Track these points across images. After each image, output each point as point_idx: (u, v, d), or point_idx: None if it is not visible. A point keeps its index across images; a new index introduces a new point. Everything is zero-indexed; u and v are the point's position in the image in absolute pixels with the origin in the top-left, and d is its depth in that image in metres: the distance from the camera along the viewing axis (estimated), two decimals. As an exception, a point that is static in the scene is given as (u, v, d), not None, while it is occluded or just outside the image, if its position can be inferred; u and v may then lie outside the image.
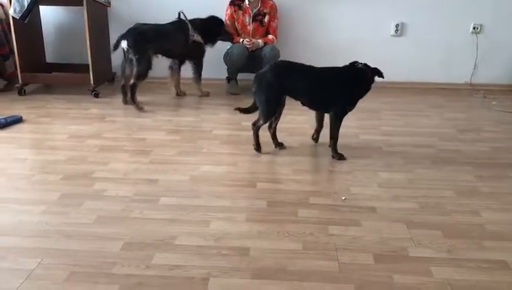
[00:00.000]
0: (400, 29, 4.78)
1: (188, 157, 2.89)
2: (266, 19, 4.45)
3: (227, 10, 4.45)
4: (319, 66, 2.86)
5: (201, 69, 4.28)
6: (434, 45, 4.79)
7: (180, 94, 4.35)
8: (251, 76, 4.71)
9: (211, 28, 4.22)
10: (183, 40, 4.04)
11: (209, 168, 2.72)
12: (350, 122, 3.48)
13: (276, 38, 4.50)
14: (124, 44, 3.78)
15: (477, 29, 4.74)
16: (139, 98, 3.94)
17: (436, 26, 4.73)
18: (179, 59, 4.23)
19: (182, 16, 4.10)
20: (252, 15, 4.40)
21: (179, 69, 4.30)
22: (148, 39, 3.82)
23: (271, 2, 4.47)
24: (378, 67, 2.77)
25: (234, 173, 2.66)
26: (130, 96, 3.86)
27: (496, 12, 4.67)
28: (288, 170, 2.71)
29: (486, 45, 4.76)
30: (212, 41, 4.29)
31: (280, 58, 4.46)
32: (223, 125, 3.60)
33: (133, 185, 2.48)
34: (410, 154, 2.91)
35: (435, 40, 4.77)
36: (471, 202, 2.36)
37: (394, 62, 4.67)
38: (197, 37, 4.08)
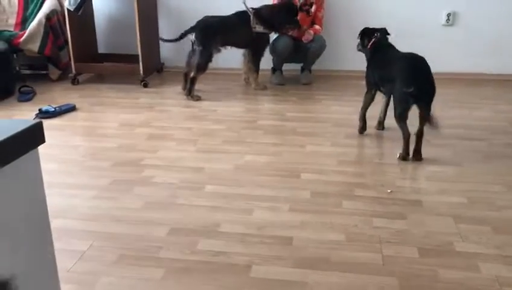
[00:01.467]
0: (451, 19, 4.62)
1: (232, 146, 2.92)
2: (313, 9, 4.40)
3: (274, 1, 4.42)
4: (363, 58, 2.83)
5: (259, 60, 4.19)
6: (486, 35, 4.59)
7: (247, 82, 4.37)
8: (297, 67, 4.71)
9: (280, 15, 4.16)
10: (246, 31, 4.03)
11: (252, 157, 2.74)
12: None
13: (322, 28, 4.44)
14: (192, 36, 3.88)
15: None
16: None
17: (488, 15, 4.53)
18: (246, 49, 4.24)
19: (244, 7, 4.08)
20: (299, 5, 4.36)
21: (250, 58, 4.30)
22: (214, 32, 3.88)
23: (318, -9, 4.41)
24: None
25: (278, 163, 2.67)
26: (189, 86, 3.94)
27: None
28: (333, 161, 2.69)
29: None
30: (279, 29, 4.23)
31: (326, 49, 4.42)
32: (268, 116, 3.61)
33: (180, 172, 2.54)
34: (459, 147, 2.82)
35: (487, 29, 4.57)
36: (523, 198, 2.27)
37: (445, 52, 4.51)
38: (259, 28, 4.05)
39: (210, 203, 2.21)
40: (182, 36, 3.93)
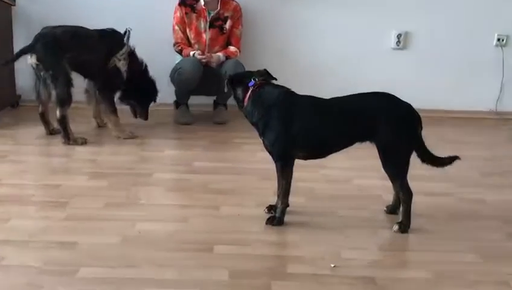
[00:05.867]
0: (402, 41, 4.93)
1: (120, 211, 2.85)
2: (228, 24, 4.52)
3: (176, 12, 4.50)
4: (300, 87, 2.90)
5: (112, 97, 4.15)
6: (447, 61, 4.93)
7: (102, 126, 4.31)
8: (208, 100, 4.77)
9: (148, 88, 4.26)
10: (103, 56, 4.02)
11: (148, 226, 2.68)
12: (340, 162, 3.52)
13: (240, 50, 4.56)
14: (31, 59, 3.76)
15: (502, 41, 4.93)
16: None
17: (450, 36, 4.90)
18: (92, 80, 4.17)
19: (126, 35, 4.06)
20: (209, 20, 4.47)
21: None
22: (65, 46, 3.80)
23: (234, 3, 4.56)
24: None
25: (183, 233, 2.62)
26: (62, 130, 3.83)
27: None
28: (259, 227, 2.69)
29: (514, 61, 4.95)
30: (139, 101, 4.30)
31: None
32: (169, 167, 3.58)
33: (42, 250, 2.41)
34: (420, 205, 2.95)
35: (447, 55, 4.92)
36: (501, 269, 2.39)
37: (395, 83, 4.73)
38: (123, 65, 4.04)
39: (86, 294, 2.11)
40: (17, 56, 3.83)
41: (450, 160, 2.79)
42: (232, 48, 4.52)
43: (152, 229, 2.65)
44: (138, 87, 4.17)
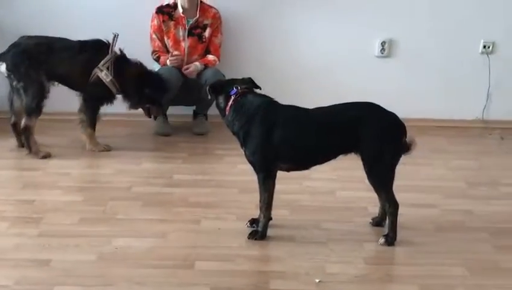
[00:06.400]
0: (387, 48, 4.97)
1: (95, 227, 2.83)
2: (207, 32, 4.52)
3: (153, 20, 4.49)
4: (282, 96, 2.91)
5: (95, 111, 4.08)
6: (432, 69, 4.98)
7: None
8: (188, 111, 4.75)
9: (145, 87, 4.16)
10: (85, 68, 3.96)
11: (126, 242, 2.67)
12: (325, 174, 3.53)
13: (220, 59, 4.57)
14: (2, 68, 3.74)
15: (488, 48, 4.99)
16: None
17: (435, 44, 4.94)
18: (79, 92, 4.13)
19: (111, 41, 4.01)
20: (187, 28, 4.47)
21: None
22: (37, 58, 3.78)
23: (214, 10, 4.56)
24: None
25: (163, 249, 2.62)
26: (25, 141, 3.79)
27: (511, 25, 4.93)
28: (240, 242, 2.70)
29: (501, 68, 5.00)
30: (136, 102, 4.18)
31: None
32: (147, 180, 3.57)
33: (14, 268, 2.40)
34: (406, 217, 2.97)
35: (433, 63, 4.97)
36: (488, 282, 2.42)
37: (379, 91, 4.74)
38: (107, 77, 3.96)
39: (61, 314, 2.09)
40: None
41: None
42: (210, 57, 4.52)
43: (130, 245, 2.64)
44: (145, 87, 4.11)
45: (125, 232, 2.77)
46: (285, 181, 2.79)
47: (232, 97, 2.73)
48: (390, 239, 2.71)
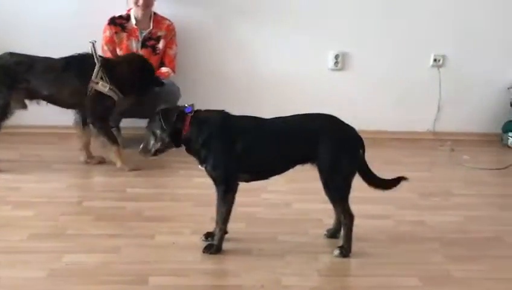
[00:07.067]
0: (340, 61, 5.04)
1: (45, 242, 2.79)
2: (161, 44, 4.50)
3: (105, 31, 4.45)
4: (236, 107, 2.90)
5: (107, 126, 4.01)
6: (385, 82, 5.06)
7: (89, 161, 4.08)
8: (140, 123, 4.69)
9: (138, 75, 4.07)
10: (77, 86, 3.85)
11: (77, 257, 2.63)
12: (281, 186, 3.55)
13: (175, 71, 4.55)
14: None
15: (438, 62, 5.10)
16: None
17: (387, 57, 5.03)
18: (76, 110, 4.02)
19: (91, 50, 3.95)
20: (140, 39, 4.44)
21: (86, 123, 4.04)
22: (14, 76, 3.72)
23: (167, 21, 4.55)
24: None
25: (115, 264, 2.58)
26: None
27: (461, 39, 5.06)
28: (195, 256, 2.68)
29: (451, 81, 5.12)
30: (138, 93, 4.09)
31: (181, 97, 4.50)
32: (99, 194, 3.53)
33: (-41, 287, 2.33)
34: (359, 228, 2.99)
35: (385, 76, 5.05)
36: (442, 292, 2.46)
37: (333, 103, 4.81)
38: (104, 86, 3.87)
39: (9, 333, 2.04)
40: None
41: (396, 182, 2.84)
42: (163, 69, 4.49)
43: (81, 261, 2.60)
44: (139, 72, 4.02)
45: (76, 248, 2.73)
46: (242, 194, 2.78)
47: (189, 115, 2.70)
48: (345, 251, 2.72)
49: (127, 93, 4.00)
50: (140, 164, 3.99)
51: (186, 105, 2.74)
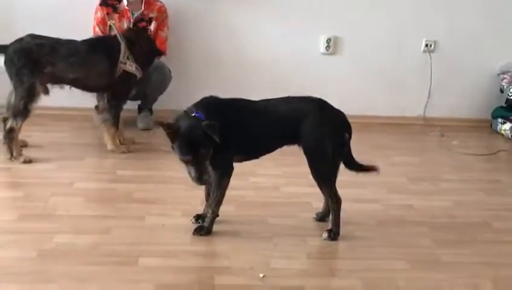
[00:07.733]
0: (332, 46, 5.04)
1: (35, 223, 2.79)
2: (152, 26, 4.49)
3: (96, 13, 4.43)
4: (227, 90, 2.91)
5: (120, 109, 3.98)
6: (376, 67, 5.07)
7: (123, 143, 4.06)
8: (132, 106, 4.69)
9: (149, 47, 4.10)
10: (106, 68, 3.83)
11: (67, 238, 2.63)
12: (270, 170, 3.56)
13: (166, 53, 4.54)
14: (1, 61, 3.62)
15: (430, 47, 5.11)
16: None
17: (379, 42, 5.04)
18: (100, 93, 3.98)
19: (113, 31, 3.92)
20: (132, 21, 4.42)
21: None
22: (36, 59, 3.61)
23: (159, 3, 4.53)
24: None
25: (105, 245, 2.59)
26: (6, 144, 3.66)
27: (452, 25, 5.08)
28: (185, 238, 2.69)
29: (442, 66, 5.14)
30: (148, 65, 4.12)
31: (173, 81, 4.50)
32: (90, 175, 3.53)
33: (-50, 266, 2.33)
34: (348, 212, 3.01)
35: (376, 60, 5.06)
36: (429, 275, 2.48)
37: (324, 88, 4.80)
38: (130, 66, 3.84)
39: (-1, 313, 2.05)
40: None
41: (370, 168, 2.86)
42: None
43: (71, 241, 2.60)
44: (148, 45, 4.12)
45: (66, 229, 2.73)
46: (232, 177, 2.80)
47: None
48: (334, 234, 2.75)
49: (144, 70, 4.01)
50: (132, 147, 4.01)
51: (194, 114, 2.58)
